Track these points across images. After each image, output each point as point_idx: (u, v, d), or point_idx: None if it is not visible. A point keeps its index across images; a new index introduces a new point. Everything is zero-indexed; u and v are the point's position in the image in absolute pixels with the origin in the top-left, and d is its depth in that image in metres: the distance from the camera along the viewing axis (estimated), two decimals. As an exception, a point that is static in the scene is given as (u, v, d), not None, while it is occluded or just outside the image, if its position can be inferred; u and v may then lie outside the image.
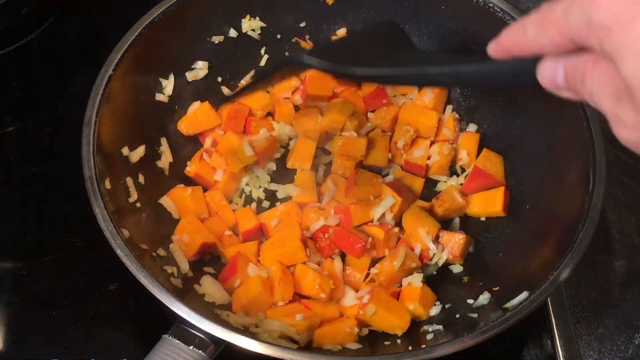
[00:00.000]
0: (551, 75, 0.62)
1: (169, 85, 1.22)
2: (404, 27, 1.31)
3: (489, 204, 1.20)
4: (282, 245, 1.12)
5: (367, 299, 1.06)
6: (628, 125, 0.54)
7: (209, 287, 1.06)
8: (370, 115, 1.32)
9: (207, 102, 1.25)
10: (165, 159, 1.20)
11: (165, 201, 1.15)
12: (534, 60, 0.63)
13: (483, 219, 1.22)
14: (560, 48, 0.59)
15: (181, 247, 1.09)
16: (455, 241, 1.16)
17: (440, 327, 1.04)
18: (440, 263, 1.17)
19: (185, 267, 1.08)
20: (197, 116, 1.24)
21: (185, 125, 1.23)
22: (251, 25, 1.29)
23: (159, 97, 1.21)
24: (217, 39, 1.27)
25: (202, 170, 1.21)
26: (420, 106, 1.30)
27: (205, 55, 1.27)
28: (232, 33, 1.28)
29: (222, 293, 1.07)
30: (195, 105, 1.25)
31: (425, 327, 1.05)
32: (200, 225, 1.13)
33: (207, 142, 1.24)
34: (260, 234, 1.18)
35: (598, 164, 1.02)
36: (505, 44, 0.65)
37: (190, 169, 1.21)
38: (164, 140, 1.21)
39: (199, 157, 1.22)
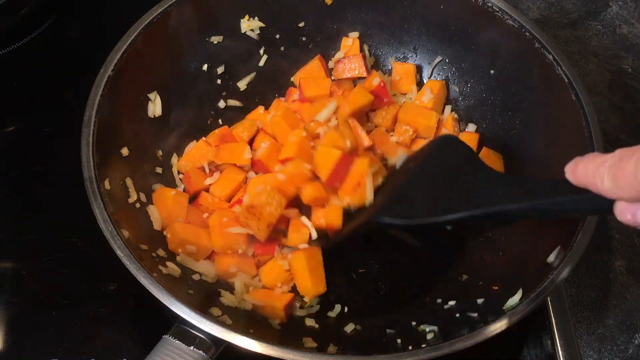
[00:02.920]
0: (630, 215, 0.63)
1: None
2: (403, 27, 1.32)
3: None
4: None
5: None
6: None
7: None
8: (370, 114, 1.32)
9: (202, 138, 1.24)
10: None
11: (151, 209, 1.13)
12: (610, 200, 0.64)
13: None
14: (636, 199, 0.60)
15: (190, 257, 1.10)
16: None
17: (440, 327, 1.04)
18: None
19: (211, 272, 1.10)
20: (194, 154, 1.23)
21: (185, 164, 1.22)
22: (250, 25, 1.29)
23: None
24: (216, 39, 1.27)
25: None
26: (419, 106, 1.30)
27: (204, 56, 1.27)
28: (231, 33, 1.28)
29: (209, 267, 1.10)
30: (192, 144, 1.24)
31: (425, 327, 1.05)
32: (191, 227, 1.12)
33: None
34: None
35: (597, 164, 1.02)
36: (583, 181, 0.66)
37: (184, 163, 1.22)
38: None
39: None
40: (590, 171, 0.65)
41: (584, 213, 0.92)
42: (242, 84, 1.33)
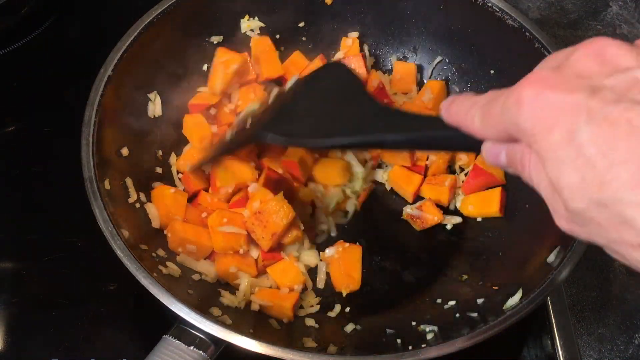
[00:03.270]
0: (494, 156, 0.64)
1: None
2: (403, 27, 1.32)
3: (485, 204, 1.20)
4: None
5: None
6: (562, 216, 0.57)
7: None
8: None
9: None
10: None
11: (149, 207, 1.13)
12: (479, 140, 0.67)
13: (480, 219, 1.22)
14: (501, 139, 0.62)
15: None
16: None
17: (440, 327, 1.04)
18: None
19: (211, 272, 1.10)
20: (192, 153, 1.22)
21: (184, 164, 1.22)
22: (250, 25, 1.29)
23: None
24: (216, 39, 1.27)
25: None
26: (419, 106, 1.30)
27: (205, 56, 1.27)
28: (231, 33, 1.28)
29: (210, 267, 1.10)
30: (189, 146, 1.24)
31: (424, 327, 1.05)
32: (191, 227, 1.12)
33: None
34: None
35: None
36: (454, 120, 0.68)
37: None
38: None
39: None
40: (462, 110, 0.66)
41: (455, 149, 0.99)
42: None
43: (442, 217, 1.21)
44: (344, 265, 1.14)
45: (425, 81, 1.35)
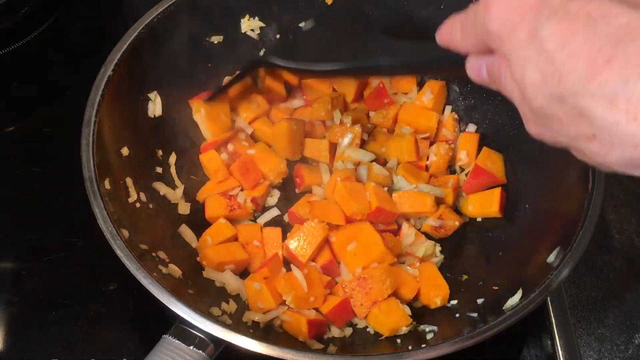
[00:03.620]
0: (477, 70, 0.67)
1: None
2: (403, 27, 1.32)
3: (485, 204, 1.20)
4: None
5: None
6: (530, 120, 0.59)
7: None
8: (371, 114, 1.32)
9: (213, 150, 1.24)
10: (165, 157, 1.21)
11: (183, 231, 1.15)
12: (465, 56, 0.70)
13: (480, 219, 1.22)
14: (480, 50, 0.64)
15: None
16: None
17: (440, 327, 1.04)
18: None
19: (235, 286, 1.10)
20: (210, 187, 1.22)
21: (202, 196, 1.22)
22: (250, 25, 1.29)
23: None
24: (216, 39, 1.27)
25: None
26: (419, 106, 1.30)
27: (205, 55, 1.27)
28: (232, 33, 1.28)
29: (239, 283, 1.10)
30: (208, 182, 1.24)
31: (424, 327, 1.05)
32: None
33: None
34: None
35: (597, 163, 1.02)
36: (444, 39, 0.72)
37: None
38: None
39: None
40: (449, 27, 0.69)
41: (447, 69, 0.99)
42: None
43: (461, 219, 1.21)
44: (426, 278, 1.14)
45: (425, 80, 1.35)
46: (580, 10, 0.51)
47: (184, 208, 1.19)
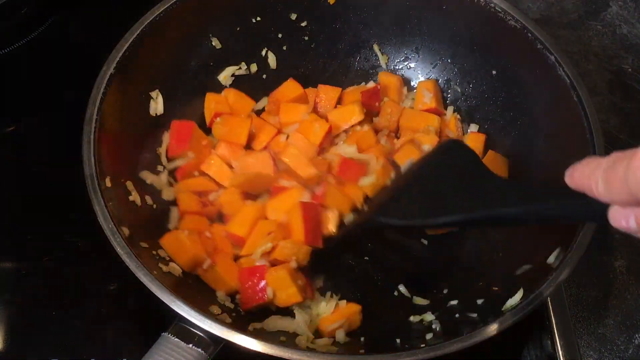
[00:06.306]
0: (624, 221, 0.64)
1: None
2: (405, 27, 1.32)
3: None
4: None
5: None
6: None
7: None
8: (375, 119, 1.32)
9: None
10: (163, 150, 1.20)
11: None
12: (605, 205, 0.65)
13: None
14: (626, 202, 0.61)
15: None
16: None
17: (439, 326, 1.04)
18: None
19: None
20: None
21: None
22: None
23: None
24: (217, 38, 1.27)
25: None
26: (419, 111, 1.31)
27: (207, 54, 1.27)
28: (233, 32, 1.28)
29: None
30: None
31: (424, 327, 1.05)
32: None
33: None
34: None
35: (598, 164, 1.02)
36: (578, 185, 0.67)
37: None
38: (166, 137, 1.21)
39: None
40: (586, 175, 0.65)
41: (580, 219, 0.93)
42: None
43: None
44: None
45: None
46: None
47: None
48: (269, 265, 1.08)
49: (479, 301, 1.06)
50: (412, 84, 1.37)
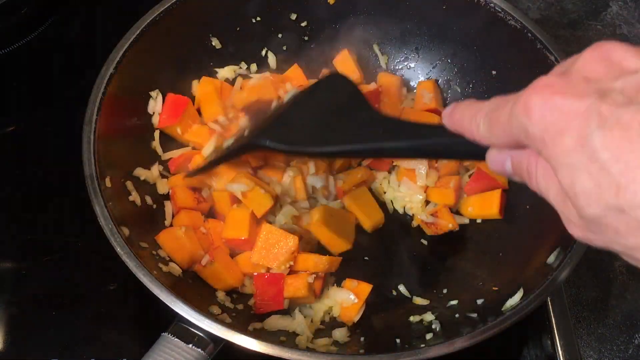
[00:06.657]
0: (500, 163, 0.64)
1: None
2: (405, 27, 1.32)
3: (485, 206, 1.20)
4: None
5: None
6: (575, 224, 0.56)
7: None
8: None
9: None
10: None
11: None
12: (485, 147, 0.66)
13: (480, 220, 1.22)
14: (506, 145, 0.61)
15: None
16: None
17: (439, 326, 1.04)
18: None
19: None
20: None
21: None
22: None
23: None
24: (217, 39, 1.27)
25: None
26: (419, 111, 1.30)
27: (206, 55, 1.27)
28: (233, 32, 1.28)
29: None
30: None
31: (424, 327, 1.05)
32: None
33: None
34: None
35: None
36: (457, 127, 0.68)
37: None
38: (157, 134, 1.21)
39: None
40: (466, 117, 0.66)
41: (458, 157, 0.97)
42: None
43: (457, 224, 1.21)
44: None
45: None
46: (633, 120, 0.49)
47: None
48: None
49: (479, 301, 1.06)
50: (412, 84, 1.37)
